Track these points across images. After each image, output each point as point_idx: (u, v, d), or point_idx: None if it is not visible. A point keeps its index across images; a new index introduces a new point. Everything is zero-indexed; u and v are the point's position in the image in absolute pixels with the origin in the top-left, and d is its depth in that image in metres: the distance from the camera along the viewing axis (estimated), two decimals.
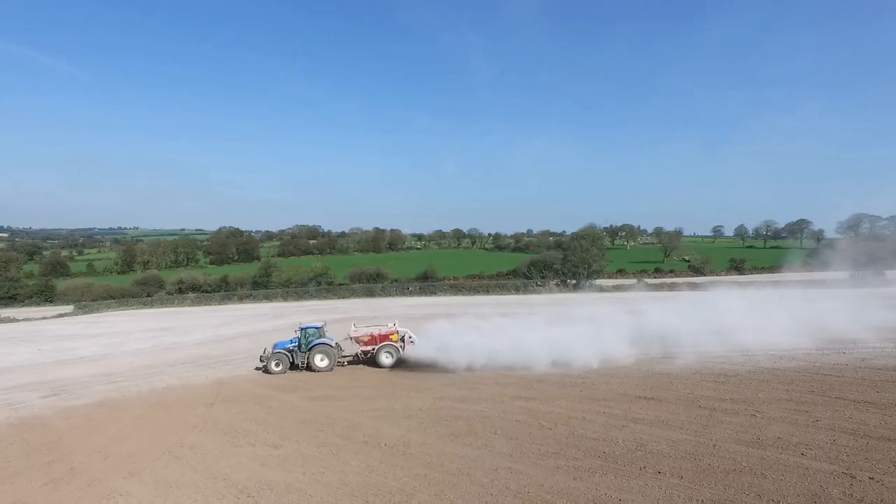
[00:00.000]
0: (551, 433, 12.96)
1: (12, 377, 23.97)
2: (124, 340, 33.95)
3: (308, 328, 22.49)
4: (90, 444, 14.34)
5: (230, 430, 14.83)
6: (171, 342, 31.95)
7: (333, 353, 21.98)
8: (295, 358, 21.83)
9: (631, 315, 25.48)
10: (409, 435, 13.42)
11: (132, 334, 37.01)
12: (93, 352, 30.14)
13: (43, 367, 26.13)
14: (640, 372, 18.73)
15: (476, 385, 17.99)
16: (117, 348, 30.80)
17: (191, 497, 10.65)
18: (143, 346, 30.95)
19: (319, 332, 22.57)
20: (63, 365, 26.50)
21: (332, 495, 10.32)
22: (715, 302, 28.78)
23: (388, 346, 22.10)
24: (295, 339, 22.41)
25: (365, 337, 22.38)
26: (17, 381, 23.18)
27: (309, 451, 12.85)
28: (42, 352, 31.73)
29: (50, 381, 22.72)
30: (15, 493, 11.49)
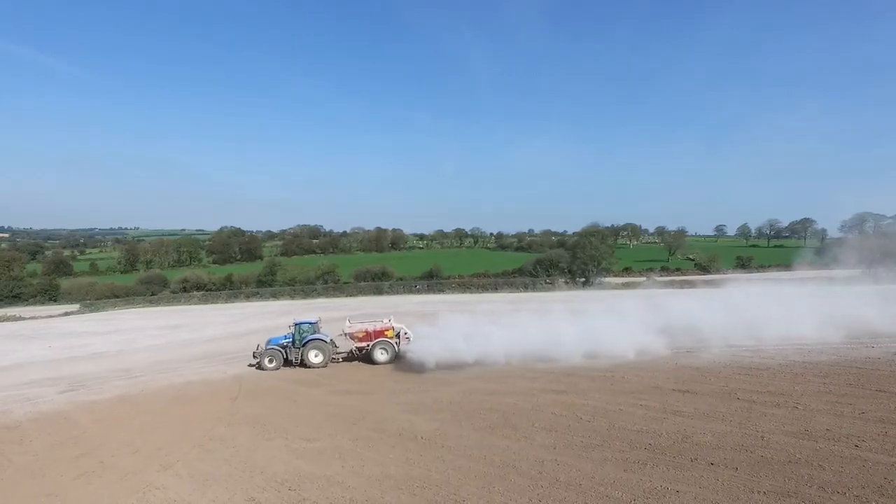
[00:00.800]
0: (591, 426, 12.67)
1: (26, 373, 23.66)
2: (136, 337, 33.63)
3: (302, 323, 22.00)
4: (116, 439, 14.05)
5: (258, 423, 14.54)
6: (185, 339, 31.63)
7: (328, 349, 21.53)
8: (289, 354, 21.38)
9: (654, 308, 25.26)
10: (445, 428, 13.14)
11: (143, 331, 36.69)
12: (105, 348, 29.82)
13: (56, 363, 25.83)
14: (668, 365, 18.43)
15: (504, 379, 17.69)
16: (130, 345, 30.48)
17: (230, 490, 10.37)
18: (155, 343, 30.63)
19: (314, 327, 22.10)
20: (77, 361, 26.19)
21: (375, 488, 10.03)
22: (735, 296, 28.57)
23: (383, 343, 21.58)
24: (289, 335, 21.92)
25: (360, 333, 21.85)
26: (32, 376, 22.87)
27: (344, 444, 12.57)
28: (52, 348, 31.40)
29: (66, 376, 22.41)
30: (46, 487, 11.20)
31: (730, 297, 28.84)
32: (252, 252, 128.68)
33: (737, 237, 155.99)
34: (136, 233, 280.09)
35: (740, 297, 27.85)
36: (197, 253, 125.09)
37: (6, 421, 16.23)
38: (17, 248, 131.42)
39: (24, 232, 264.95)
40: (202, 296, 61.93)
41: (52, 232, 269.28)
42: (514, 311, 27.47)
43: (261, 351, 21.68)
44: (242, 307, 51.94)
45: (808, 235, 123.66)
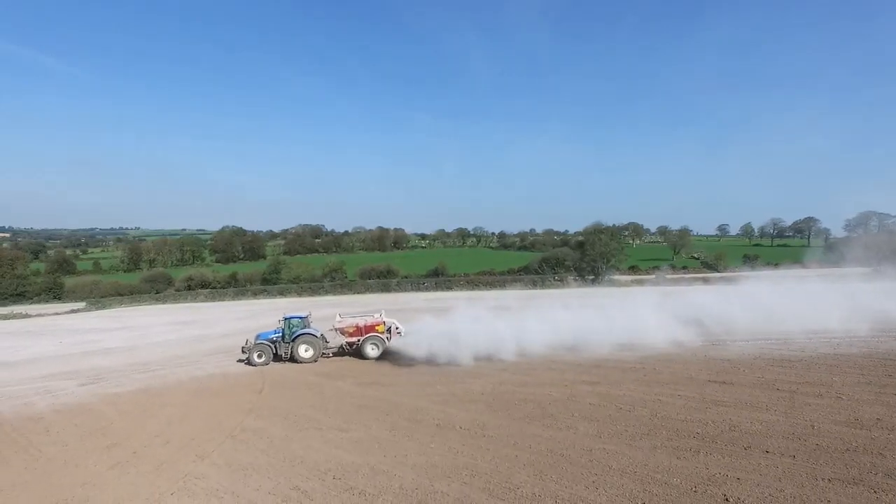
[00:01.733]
0: (632, 415, 12.44)
1: (42, 367, 23.39)
2: (147, 333, 33.34)
3: (292, 318, 21.63)
4: (145, 430, 13.80)
5: (289, 414, 14.29)
6: (197, 334, 31.34)
7: (318, 343, 21.16)
8: (278, 349, 21.01)
9: (674, 302, 25.10)
10: (482, 418, 12.89)
11: (153, 327, 36.39)
12: (117, 344, 29.54)
13: (71, 358, 25.54)
14: (697, 357, 18.20)
15: (532, 371, 17.45)
16: (142, 340, 30.20)
17: (272, 479, 10.11)
18: (168, 338, 30.35)
19: (304, 322, 21.72)
20: (90, 356, 25.90)
21: (423, 477, 9.79)
22: (755, 290, 28.44)
23: (374, 338, 21.27)
24: (278, 330, 21.52)
25: (350, 328, 21.53)
26: (48, 370, 22.60)
27: (380, 434, 12.32)
28: (63, 344, 31.10)
29: (83, 370, 22.15)
30: (81, 476, 10.95)
31: (750, 291, 28.72)
32: (255, 251, 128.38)
33: (740, 237, 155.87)
34: (136, 233, 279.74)
35: (761, 292, 27.73)
36: (200, 252, 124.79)
37: (30, 412, 15.98)
38: (19, 248, 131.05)
39: (24, 232, 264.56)
40: (209, 293, 61.65)
41: (53, 232, 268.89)
42: (534, 306, 27.22)
43: (250, 346, 21.21)
44: (250, 304, 51.67)
45: (812, 234, 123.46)
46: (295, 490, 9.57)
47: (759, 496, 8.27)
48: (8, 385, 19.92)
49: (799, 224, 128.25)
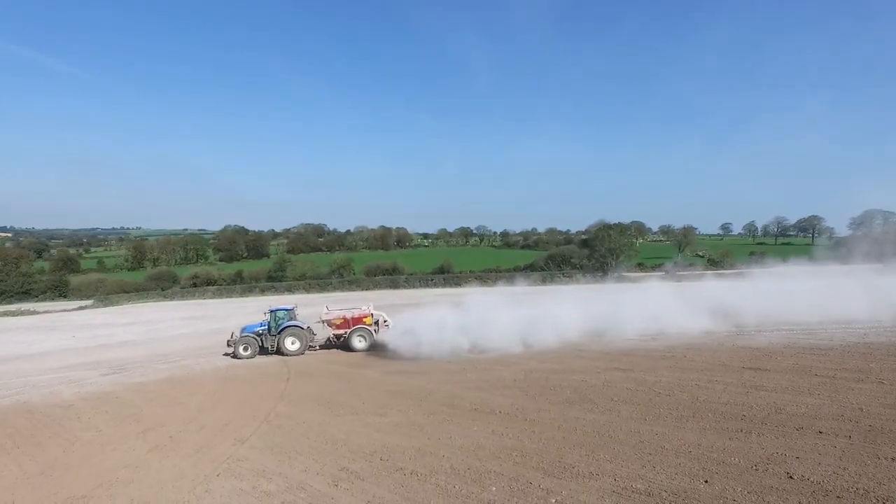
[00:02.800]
0: (673, 399, 12.30)
1: (61, 359, 23.29)
2: (161, 327, 33.25)
3: (278, 310, 21.44)
4: (177, 416, 13.67)
5: (321, 401, 14.16)
6: (212, 328, 31.21)
7: (305, 336, 20.95)
8: (264, 341, 20.83)
9: (694, 293, 25.02)
10: (520, 403, 12.75)
11: (166, 322, 36.30)
12: (133, 337, 29.44)
13: (87, 351, 25.45)
14: (724, 346, 18.06)
15: (560, 359, 17.32)
16: (157, 334, 30.10)
17: (318, 461, 9.97)
18: (183, 332, 30.25)
19: (290, 314, 21.54)
20: (107, 349, 25.80)
21: (472, 457, 9.64)
22: (770, 282, 28.39)
23: (362, 330, 21.10)
24: (264, 323, 21.34)
25: (337, 320, 21.37)
26: (68, 362, 22.51)
27: (418, 419, 12.18)
28: (77, 338, 31.00)
29: (103, 361, 22.05)
30: (122, 459, 10.83)
31: (765, 283, 28.66)
32: (259, 250, 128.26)
33: (742, 236, 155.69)
34: (138, 232, 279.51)
35: (777, 283, 27.69)
36: (204, 250, 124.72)
37: (58, 400, 15.86)
38: (22, 247, 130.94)
39: (26, 232, 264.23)
40: (216, 290, 61.51)
41: (55, 232, 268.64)
42: (550, 298, 27.13)
43: (235, 339, 20.94)
44: (259, 300, 51.51)
45: (816, 233, 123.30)
46: (343, 471, 9.44)
47: (823, 474, 8.12)
48: (30, 375, 19.82)
49: (803, 222, 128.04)
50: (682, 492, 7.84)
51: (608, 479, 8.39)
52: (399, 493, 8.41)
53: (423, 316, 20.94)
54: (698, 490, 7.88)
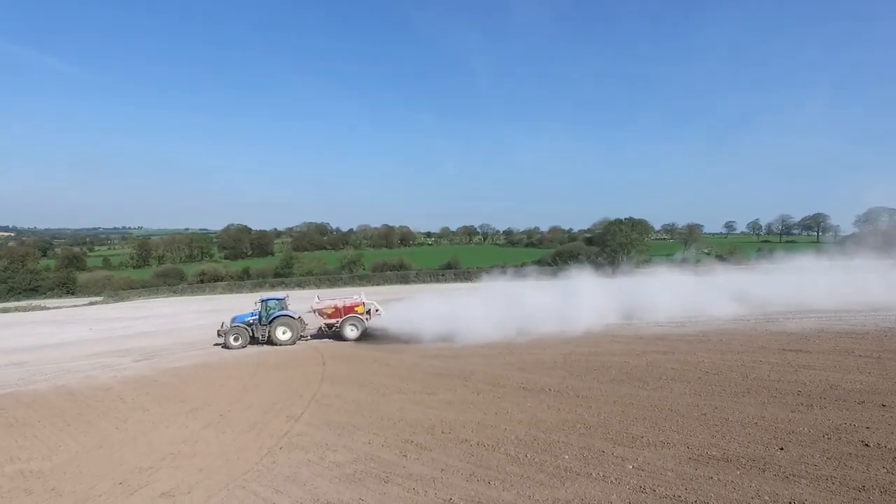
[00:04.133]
0: (722, 378, 12.28)
1: (87, 348, 23.23)
2: (179, 319, 33.20)
3: (269, 300, 21.31)
4: (220, 397, 13.65)
5: (364, 382, 14.14)
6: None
7: (296, 325, 20.78)
8: (255, 331, 20.64)
9: (716, 282, 25.18)
10: (568, 382, 12.74)
11: (181, 315, 36.23)
12: (153, 328, 29.37)
13: (110, 341, 25.39)
14: (757, 331, 18.02)
15: (596, 342, 17.33)
16: (177, 325, 30.05)
17: (379, 435, 9.95)
18: (201, 323, 30.14)
19: (281, 304, 21.40)
20: (130, 339, 25.73)
21: (535, 429, 9.63)
22: (790, 273, 28.56)
23: (353, 319, 21.02)
24: (255, 312, 21.16)
25: (329, 309, 21.27)
26: (94, 350, 22.46)
27: (468, 396, 12.16)
28: (94, 330, 30.93)
29: (131, 349, 22.01)
30: (177, 434, 10.82)
31: (787, 273, 28.78)
32: (263, 248, 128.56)
33: (746, 234, 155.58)
34: (139, 232, 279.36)
35: (799, 274, 27.81)
36: (208, 248, 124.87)
37: (96, 384, 15.84)
38: (26, 246, 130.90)
39: (28, 231, 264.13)
40: (226, 286, 61.45)
41: (57, 231, 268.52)
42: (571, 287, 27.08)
43: (226, 329, 20.75)
44: (269, 295, 51.43)
45: (821, 230, 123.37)
46: (408, 443, 9.42)
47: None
48: (61, 362, 19.80)
49: (808, 220, 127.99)
50: (760, 458, 7.83)
51: (681, 448, 8.38)
52: (470, 462, 8.40)
53: (461, 302, 21.08)
54: (776, 456, 7.87)
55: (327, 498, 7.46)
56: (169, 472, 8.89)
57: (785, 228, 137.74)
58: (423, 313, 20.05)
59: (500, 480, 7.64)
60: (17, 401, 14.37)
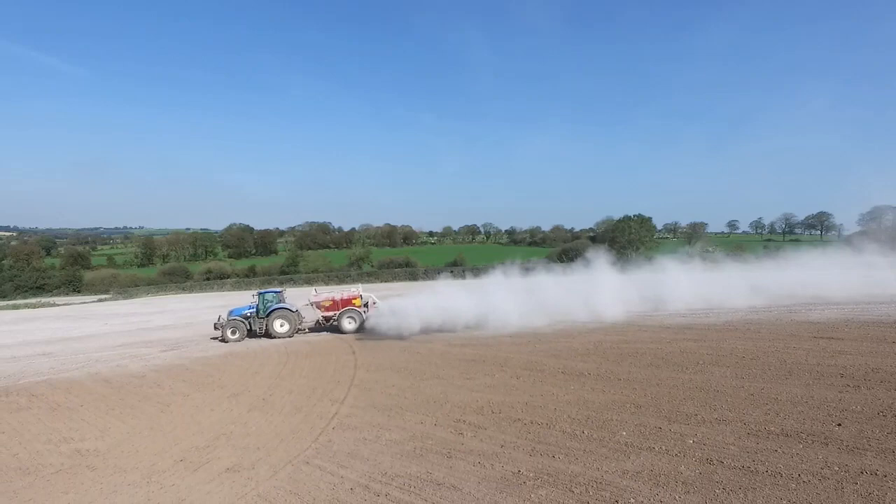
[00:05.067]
0: (760, 362, 12.33)
1: (110, 340, 23.30)
2: (193, 314, 33.25)
3: (266, 293, 21.29)
4: (258, 383, 13.72)
5: (399, 369, 14.21)
6: None
7: (294, 318, 20.76)
8: (252, 325, 20.60)
9: (724, 274, 25.63)
10: (606, 367, 12.79)
11: (194, 310, 36.28)
12: (170, 322, 29.44)
13: (130, 334, 25.43)
14: (783, 320, 18.04)
15: (624, 331, 17.39)
16: (194, 319, 30.11)
17: (430, 416, 10.02)
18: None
19: (278, 297, 21.44)
20: (150, 331, 25.80)
21: (586, 409, 9.70)
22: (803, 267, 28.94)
23: (351, 312, 21.05)
24: (252, 306, 21.15)
25: (326, 302, 21.31)
26: (117, 342, 22.52)
27: (508, 381, 12.23)
28: (110, 325, 31.00)
29: (154, 340, 22.09)
30: (225, 416, 10.91)
31: (802, 266, 28.99)
32: (267, 246, 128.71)
33: (749, 233, 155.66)
34: (140, 232, 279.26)
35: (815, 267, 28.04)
36: (213, 247, 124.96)
37: (128, 372, 15.93)
38: (29, 244, 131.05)
39: (29, 231, 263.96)
40: (234, 283, 61.52)
41: (58, 231, 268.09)
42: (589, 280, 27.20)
43: (222, 322, 20.73)
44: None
45: (825, 229, 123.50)
46: (461, 423, 9.49)
47: None
48: (88, 353, 19.87)
49: (811, 219, 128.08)
50: (819, 433, 7.90)
51: (737, 424, 8.45)
52: (528, 439, 8.48)
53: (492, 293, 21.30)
54: (834, 432, 7.94)
55: (394, 472, 7.53)
56: (226, 450, 8.96)
57: (788, 227, 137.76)
58: (453, 304, 20.13)
59: (563, 454, 7.72)
60: (53, 387, 14.44)
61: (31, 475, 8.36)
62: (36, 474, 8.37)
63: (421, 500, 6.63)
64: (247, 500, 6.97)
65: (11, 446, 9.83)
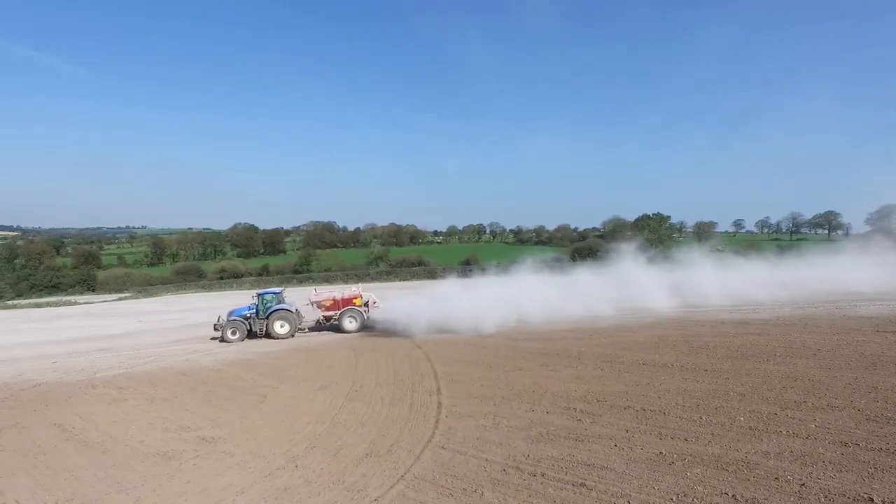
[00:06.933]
0: (838, 355, 12.61)
1: (159, 336, 23.58)
2: (223, 313, 33.45)
3: (266, 294, 21.37)
4: (339, 376, 13.98)
5: (475, 362, 14.48)
6: None
7: (294, 318, 20.90)
8: (252, 325, 20.75)
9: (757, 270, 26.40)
10: (684, 359, 13.07)
11: (224, 308, 36.46)
12: (204, 319, 29.62)
13: (173, 331, 25.69)
14: (833, 316, 18.30)
15: (681, 325, 17.73)
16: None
17: (537, 405, 10.30)
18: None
19: (278, 297, 21.55)
20: (194, 328, 26.03)
21: (690, 398, 9.98)
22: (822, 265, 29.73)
23: (352, 311, 21.21)
24: (252, 306, 21.28)
25: (327, 302, 21.48)
26: (167, 338, 22.81)
27: (593, 372, 12.51)
28: (143, 322, 31.24)
29: (203, 336, 22.35)
30: (327, 406, 11.22)
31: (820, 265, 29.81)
32: (275, 246, 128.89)
33: (755, 232, 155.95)
34: (144, 231, 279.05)
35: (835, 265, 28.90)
36: (222, 246, 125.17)
37: (200, 366, 16.19)
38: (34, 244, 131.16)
39: (33, 231, 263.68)
40: (253, 281, 61.76)
41: (62, 231, 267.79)
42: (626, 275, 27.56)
43: (222, 323, 20.83)
44: (302, 290, 51.78)
45: (832, 228, 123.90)
46: (572, 411, 9.77)
47: None
48: (146, 348, 20.16)
49: (818, 218, 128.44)
50: None
51: (851, 411, 8.75)
52: (650, 425, 8.76)
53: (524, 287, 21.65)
54: None
55: (535, 455, 7.83)
56: (350, 437, 9.25)
57: (795, 226, 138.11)
58: (506, 299, 20.49)
59: (694, 438, 8.02)
60: (134, 380, 14.72)
61: (174, 460, 8.64)
62: (179, 459, 8.65)
63: (579, 478, 6.93)
64: (406, 480, 7.25)
65: (133, 433, 10.12)
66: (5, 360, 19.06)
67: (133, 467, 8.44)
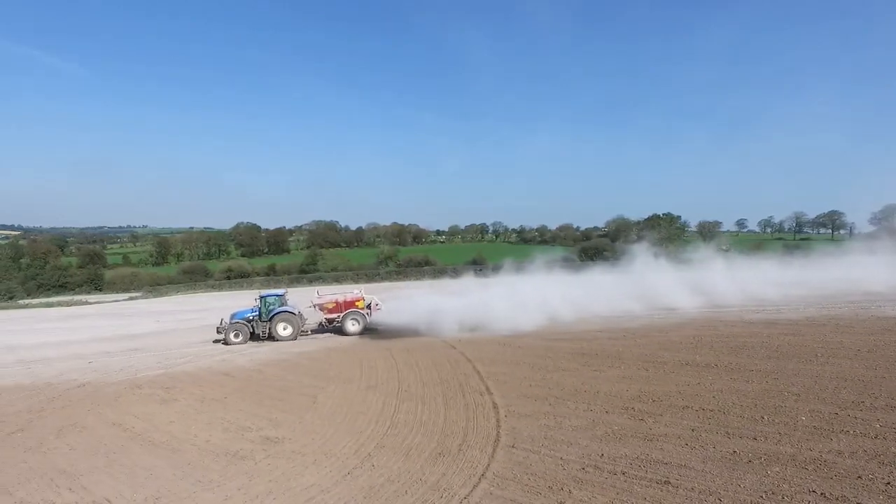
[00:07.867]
0: (879, 355, 12.76)
1: (188, 336, 23.67)
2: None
3: (268, 296, 21.44)
4: (382, 376, 14.14)
5: (516, 362, 14.64)
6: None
7: (296, 321, 20.93)
8: (255, 328, 20.71)
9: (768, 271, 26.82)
10: (726, 359, 13.22)
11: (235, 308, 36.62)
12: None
13: (195, 331, 25.70)
14: (861, 316, 18.45)
15: (713, 325, 17.88)
16: None
17: (592, 404, 10.46)
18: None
19: (281, 300, 21.57)
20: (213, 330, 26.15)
21: (744, 397, 10.14)
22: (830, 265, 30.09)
23: (355, 313, 21.27)
24: (255, 309, 21.26)
25: (329, 304, 21.56)
26: (191, 339, 22.87)
27: (638, 373, 12.66)
28: (161, 322, 31.34)
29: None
30: (380, 407, 11.34)
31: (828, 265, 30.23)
32: (279, 245, 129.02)
33: (758, 232, 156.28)
34: (145, 231, 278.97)
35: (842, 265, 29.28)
36: (226, 246, 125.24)
37: (237, 366, 16.33)
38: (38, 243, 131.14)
39: (34, 230, 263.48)
40: (263, 281, 61.84)
41: (63, 230, 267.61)
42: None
43: (225, 325, 20.81)
44: (312, 289, 51.90)
45: (836, 228, 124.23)
46: (630, 410, 9.93)
47: None
48: (177, 348, 20.28)
49: (822, 218, 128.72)
50: None
51: None
52: (713, 423, 8.92)
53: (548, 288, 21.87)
54: None
55: (610, 454, 7.98)
56: (418, 437, 9.39)
57: (798, 226, 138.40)
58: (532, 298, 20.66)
59: (762, 437, 8.17)
60: (177, 380, 14.86)
61: (246, 459, 8.78)
62: (251, 458, 8.80)
63: (662, 477, 7.08)
64: (487, 478, 7.40)
65: (195, 433, 10.26)
66: (40, 359, 19.19)
67: (209, 466, 8.58)
